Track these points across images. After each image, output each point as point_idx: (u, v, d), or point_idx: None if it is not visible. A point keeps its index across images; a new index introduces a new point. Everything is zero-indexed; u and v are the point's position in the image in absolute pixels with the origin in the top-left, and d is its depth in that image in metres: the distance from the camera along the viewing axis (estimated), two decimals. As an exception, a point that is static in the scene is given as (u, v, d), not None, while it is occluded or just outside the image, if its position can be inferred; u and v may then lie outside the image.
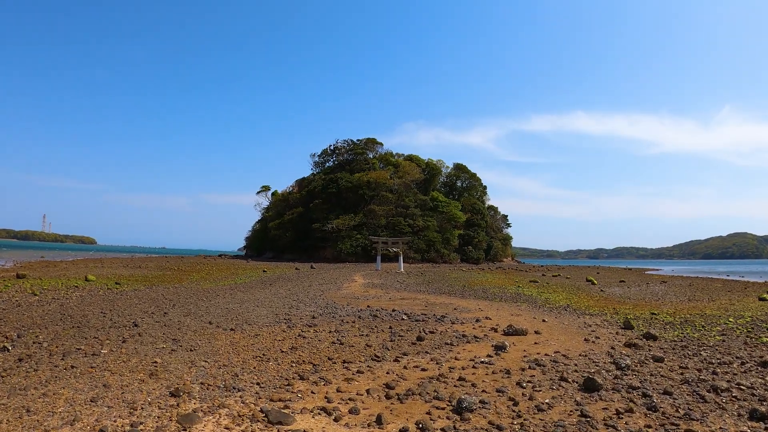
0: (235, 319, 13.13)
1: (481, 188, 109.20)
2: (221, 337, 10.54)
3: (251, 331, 11.26)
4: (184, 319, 13.09)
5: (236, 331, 11.32)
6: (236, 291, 22.84)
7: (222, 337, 10.54)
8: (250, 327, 11.90)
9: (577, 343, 11.13)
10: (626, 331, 13.50)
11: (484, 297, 23.32)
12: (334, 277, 35.54)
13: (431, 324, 13.32)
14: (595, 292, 28.21)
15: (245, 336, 10.68)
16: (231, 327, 11.76)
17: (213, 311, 14.83)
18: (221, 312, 14.67)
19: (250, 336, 10.67)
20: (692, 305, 21.04)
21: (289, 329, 11.73)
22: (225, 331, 11.22)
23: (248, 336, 10.68)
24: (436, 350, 9.72)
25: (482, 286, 31.03)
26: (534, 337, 11.67)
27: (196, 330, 11.28)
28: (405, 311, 15.91)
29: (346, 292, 23.36)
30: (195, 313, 14.27)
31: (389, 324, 13.05)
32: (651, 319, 16.05)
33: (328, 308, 16.33)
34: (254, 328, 11.80)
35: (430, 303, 19.36)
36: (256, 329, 11.60)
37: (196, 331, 11.09)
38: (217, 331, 11.17)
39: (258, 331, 11.39)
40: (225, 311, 14.89)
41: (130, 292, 21.22)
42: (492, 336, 11.63)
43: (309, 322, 12.88)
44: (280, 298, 19.73)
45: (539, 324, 14.09)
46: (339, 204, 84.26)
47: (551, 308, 18.91)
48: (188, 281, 29.33)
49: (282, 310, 15.44)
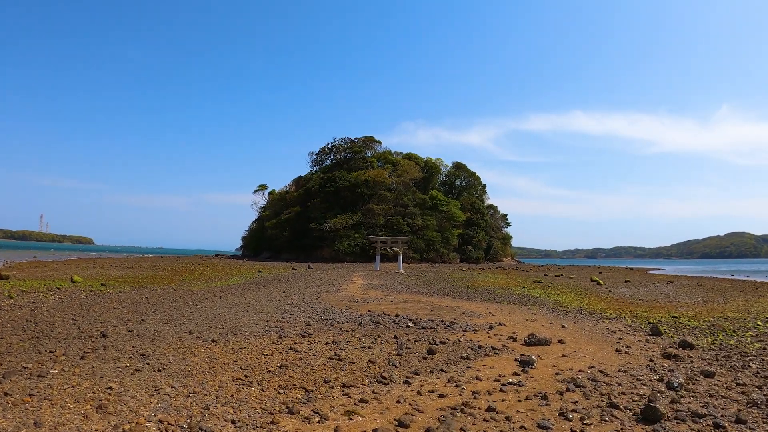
0: (220, 328, 11.63)
1: (481, 187, 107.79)
2: (199, 350, 9.04)
3: (235, 343, 9.76)
4: (161, 327, 11.60)
5: (218, 342, 9.82)
6: (227, 293, 21.35)
7: (200, 350, 9.04)
8: (235, 337, 10.40)
9: (609, 355, 9.75)
10: (655, 338, 12.27)
11: (490, 299, 21.92)
12: (331, 278, 34.09)
13: (441, 332, 11.86)
14: (603, 293, 26.99)
15: (228, 349, 9.19)
16: (213, 338, 10.25)
17: (197, 317, 13.34)
18: (206, 318, 13.18)
19: (234, 350, 9.17)
20: (710, 307, 20.03)
21: (280, 340, 10.24)
22: (205, 343, 9.72)
23: (231, 349, 9.18)
24: (451, 367, 8.25)
25: (486, 287, 29.70)
26: (559, 348, 10.24)
27: (172, 342, 9.79)
28: (410, 316, 14.45)
29: (345, 295, 21.90)
30: (176, 320, 12.78)
31: (394, 332, 11.59)
32: (675, 324, 14.88)
33: (324, 313, 14.86)
34: (240, 338, 10.31)
35: (435, 306, 17.91)
36: (241, 340, 10.11)
37: (172, 344, 9.60)
38: (196, 343, 9.67)
39: (243, 342, 9.89)
40: (210, 317, 13.39)
41: (114, 294, 19.76)
42: (512, 347, 10.18)
43: (303, 331, 11.39)
44: (273, 301, 18.24)
45: (559, 331, 12.68)
46: (337, 203, 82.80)
47: (565, 312, 17.57)
48: (179, 282, 27.89)
49: (274, 316, 13.94)
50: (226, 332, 10.99)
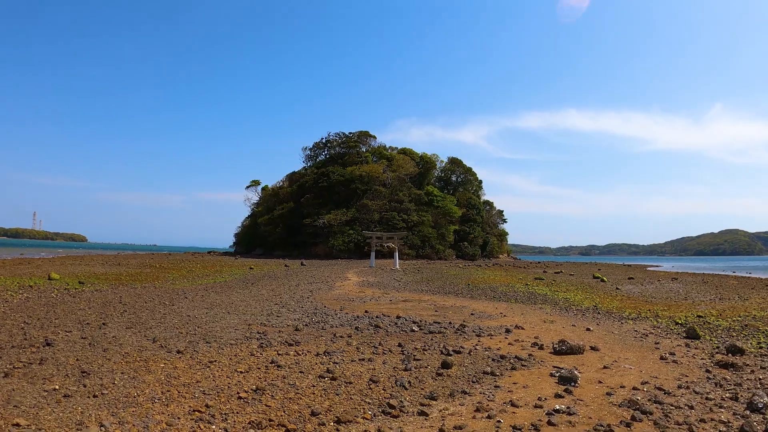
0: (191, 334, 9.86)
1: (477, 183, 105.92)
2: (158, 365, 7.27)
3: (205, 355, 7.99)
4: (122, 333, 9.83)
5: (184, 354, 8.04)
6: (210, 292, 19.58)
7: (159, 365, 7.27)
8: (207, 347, 8.63)
9: (656, 365, 8.15)
10: (694, 341, 10.73)
11: (496, 298, 20.30)
12: (325, 275, 32.35)
13: (451, 338, 10.16)
14: (611, 291, 25.60)
15: (194, 364, 7.41)
16: (180, 347, 8.46)
17: (168, 321, 11.56)
18: (178, 322, 11.41)
19: (201, 364, 7.40)
20: (729, 305, 18.74)
21: (261, 350, 8.46)
22: (168, 355, 7.95)
23: (198, 364, 7.41)
24: (475, 387, 6.53)
25: (488, 284, 28.13)
26: (595, 357, 8.57)
27: (128, 353, 8.02)
28: (413, 319, 12.73)
29: (339, 293, 20.17)
30: (143, 324, 11.01)
31: (397, 339, 9.87)
32: (704, 324, 13.41)
33: (316, 315, 13.13)
34: (212, 348, 8.53)
35: (439, 306, 16.22)
36: (213, 351, 8.33)
37: (127, 356, 7.84)
38: (157, 355, 7.89)
39: (215, 354, 8.11)
40: (184, 321, 11.63)
41: (88, 293, 18.12)
42: (540, 356, 8.49)
43: (290, 338, 9.62)
44: (259, 301, 16.50)
45: (585, 334, 11.04)
46: (331, 198, 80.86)
47: (580, 312, 16.00)
48: (164, 280, 26.18)
49: (257, 319, 12.18)
50: (198, 340, 9.23)
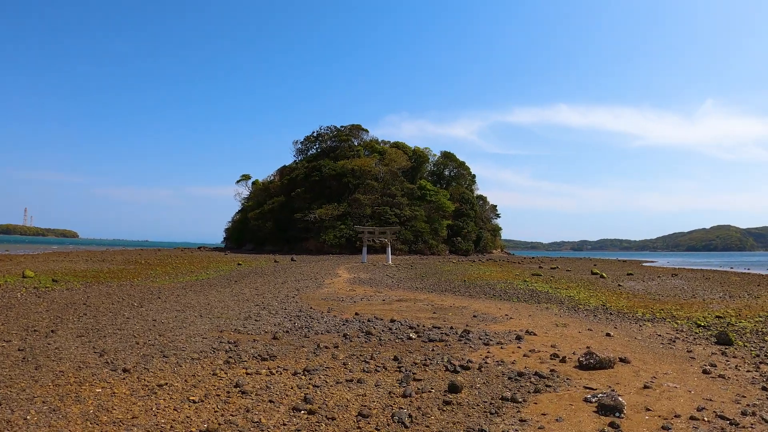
0: (150, 345, 8.35)
1: (470, 177, 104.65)
2: (92, 391, 5.73)
3: (157, 375, 6.48)
4: (69, 344, 8.33)
5: (132, 373, 6.53)
6: (188, 291, 18.07)
7: (95, 391, 5.74)
8: (162, 363, 7.13)
9: (702, 381, 6.84)
10: (728, 348, 9.47)
11: (496, 296, 18.96)
12: (314, 272, 30.88)
13: (455, 347, 8.73)
14: (614, 288, 24.43)
15: (139, 388, 5.90)
16: (129, 364, 6.93)
17: (128, 327, 10.06)
18: (139, 329, 9.90)
19: (147, 389, 5.87)
20: (742, 304, 17.67)
21: (227, 367, 6.96)
22: (112, 374, 6.44)
23: (144, 388, 5.89)
24: (495, 421, 5.07)
25: (484, 280, 26.84)
26: (628, 372, 7.20)
27: (63, 372, 6.51)
28: (409, 322, 11.29)
29: (328, 292, 18.71)
30: (99, 331, 9.51)
31: (392, 349, 8.42)
32: (727, 326, 12.25)
33: (300, 318, 11.66)
34: (168, 365, 7.04)
35: (437, 307, 14.80)
36: (169, 369, 6.83)
37: (61, 375, 6.33)
38: (98, 375, 6.38)
39: (170, 373, 6.60)
40: (146, 327, 10.11)
41: (56, 292, 16.69)
42: (564, 372, 7.07)
43: (264, 350, 8.13)
44: (239, 301, 15.01)
45: (606, 341, 9.69)
46: (322, 193, 79.25)
47: (590, 312, 14.73)
48: (144, 277, 24.69)
49: (232, 324, 10.69)
50: (154, 353, 7.73)
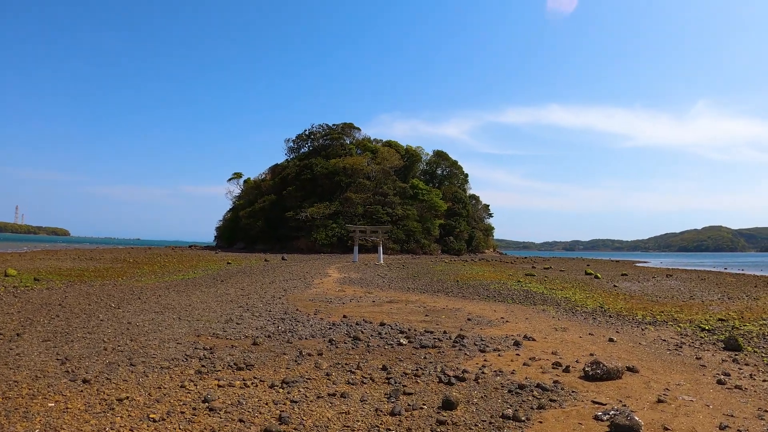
0: (118, 351, 7.69)
1: (463, 176, 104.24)
2: (44, 406, 5.05)
3: (119, 387, 5.81)
4: (32, 349, 7.65)
5: (92, 384, 5.86)
6: (171, 290, 17.39)
7: (47, 405, 5.07)
8: (127, 372, 6.47)
9: (718, 394, 6.35)
10: (738, 354, 9.02)
11: (490, 297, 18.42)
12: (304, 271, 30.21)
13: (449, 354, 8.13)
14: (609, 288, 24.01)
15: (96, 402, 5.22)
16: (91, 374, 6.26)
17: (100, 331, 9.38)
18: (111, 333, 9.22)
19: (105, 403, 5.20)
20: (743, 306, 17.20)
21: (198, 378, 6.31)
22: (70, 386, 5.77)
23: (101, 403, 5.22)
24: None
25: (477, 280, 26.31)
26: (638, 383, 6.65)
27: (18, 382, 5.83)
28: (400, 326, 10.68)
29: (316, 292, 18.07)
30: (67, 335, 8.83)
31: (381, 357, 7.81)
32: (732, 329, 11.86)
33: (285, 321, 11.02)
34: (134, 374, 6.37)
35: (429, 309, 14.20)
36: (133, 379, 6.15)
37: (15, 386, 5.64)
38: (54, 387, 5.69)
39: (134, 385, 5.92)
40: (119, 331, 9.44)
41: (34, 292, 16.11)
42: (569, 384, 6.48)
43: (242, 357, 7.49)
44: (222, 302, 14.34)
45: (610, 348, 9.14)
46: (314, 191, 78.54)
47: (589, 315, 14.24)
48: (130, 276, 24.00)
49: (211, 327, 10.03)
50: (121, 360, 7.07)
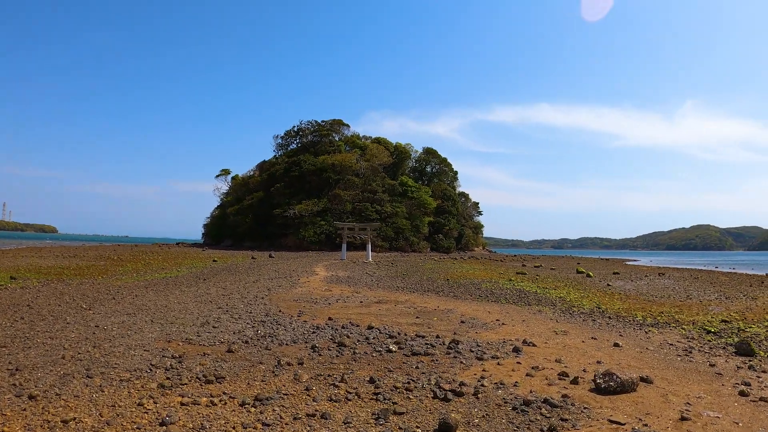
0: (77, 360, 6.88)
1: (452, 174, 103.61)
2: None
3: (68, 404, 5.03)
4: (-22, 358, 6.90)
5: (38, 401, 5.02)
6: (149, 290, 16.55)
7: None
8: (82, 385, 5.66)
9: (744, 408, 5.82)
10: (751, 359, 8.49)
11: (483, 297, 17.78)
12: (291, 269, 29.41)
13: (444, 363, 7.41)
14: (603, 288, 23.48)
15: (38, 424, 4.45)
16: (39, 388, 5.45)
17: (62, 336, 8.55)
18: (75, 337, 8.40)
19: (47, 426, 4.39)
20: (742, 306, 16.70)
21: (159, 393, 5.52)
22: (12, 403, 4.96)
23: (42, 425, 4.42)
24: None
25: (468, 279, 25.67)
26: (655, 396, 6.00)
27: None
28: (389, 330, 9.95)
29: (302, 292, 17.31)
30: (28, 340, 8.02)
31: (368, 367, 7.08)
32: (738, 331, 11.37)
33: (265, 324, 10.26)
34: (89, 388, 5.58)
35: (419, 310, 13.50)
36: (86, 395, 5.35)
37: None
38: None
39: (85, 401, 5.14)
40: (84, 335, 8.62)
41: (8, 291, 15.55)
42: (579, 398, 5.80)
43: (213, 368, 6.72)
44: (201, 303, 13.53)
45: (617, 354, 8.52)
46: (302, 188, 77.55)
47: (586, 315, 13.70)
48: (111, 274, 23.22)
49: (185, 332, 9.24)
50: (78, 371, 6.27)
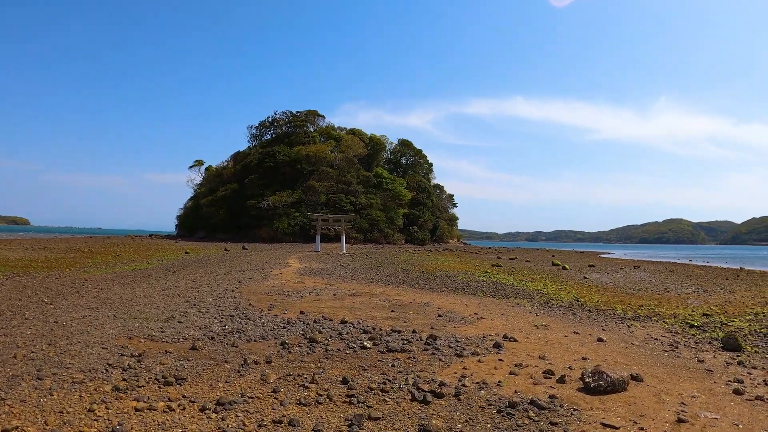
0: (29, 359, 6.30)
1: (427, 165, 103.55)
2: None
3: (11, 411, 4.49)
4: None
5: None
6: (116, 283, 15.83)
7: None
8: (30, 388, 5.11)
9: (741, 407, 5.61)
10: (738, 354, 8.35)
11: (458, 289, 17.53)
12: (264, 261, 28.79)
13: (422, 360, 7.03)
14: (579, 280, 23.46)
15: None
16: None
17: (20, 332, 7.91)
18: (31, 334, 7.77)
19: None
20: (721, 299, 16.60)
21: (114, 396, 5.03)
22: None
23: None
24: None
25: (444, 271, 25.40)
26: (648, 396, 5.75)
27: None
28: (363, 325, 9.53)
29: (274, 284, 16.78)
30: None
31: (341, 365, 6.65)
32: (721, 325, 11.19)
33: (233, 319, 9.75)
34: (38, 391, 5.03)
35: (394, 303, 13.12)
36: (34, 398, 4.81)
37: None
38: None
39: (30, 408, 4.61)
40: (41, 332, 8.00)
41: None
42: (568, 399, 5.48)
43: (174, 367, 6.23)
44: (168, 296, 12.91)
45: (601, 349, 8.31)
46: (276, 179, 76.60)
47: (566, 309, 13.57)
48: (80, 266, 22.28)
49: (147, 328, 8.67)
50: (28, 372, 5.71)
